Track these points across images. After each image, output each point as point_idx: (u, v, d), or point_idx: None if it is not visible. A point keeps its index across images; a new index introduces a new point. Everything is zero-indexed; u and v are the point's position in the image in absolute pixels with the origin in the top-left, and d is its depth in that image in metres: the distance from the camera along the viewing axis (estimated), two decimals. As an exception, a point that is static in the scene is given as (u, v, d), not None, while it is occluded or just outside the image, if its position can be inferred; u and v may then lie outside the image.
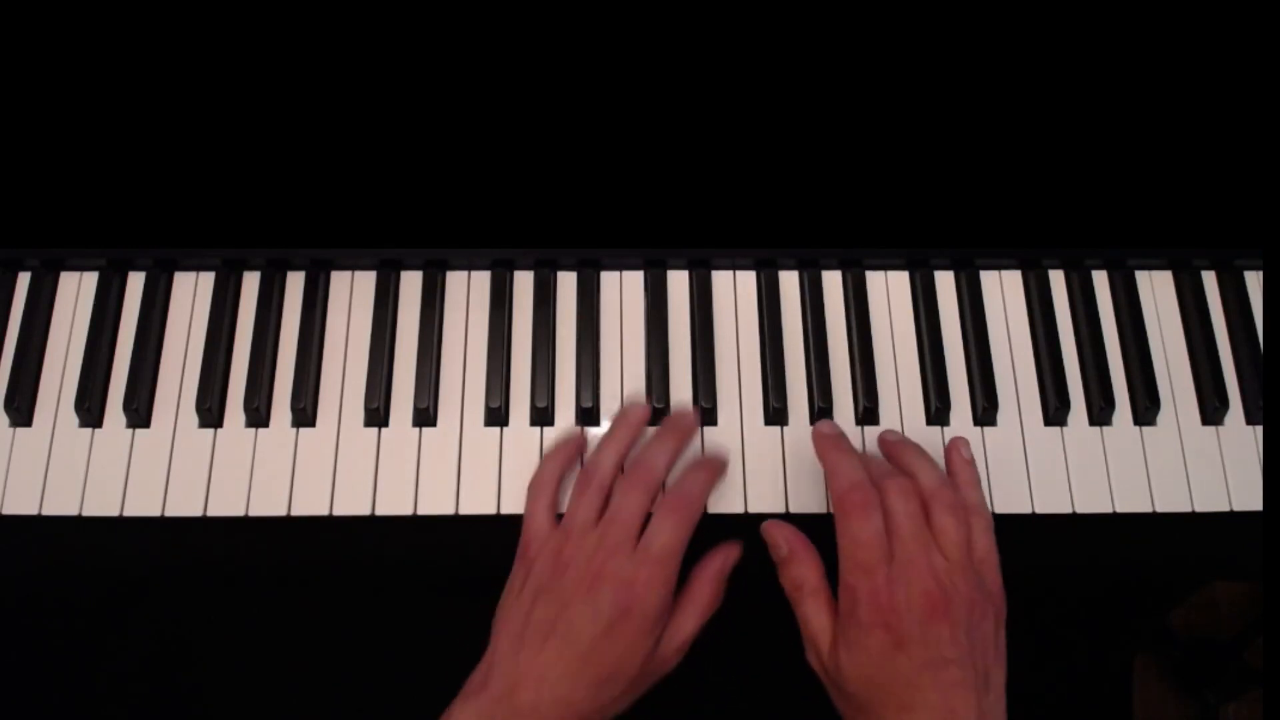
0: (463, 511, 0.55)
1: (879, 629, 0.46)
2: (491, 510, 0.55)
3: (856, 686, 0.47)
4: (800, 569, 0.51)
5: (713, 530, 0.53)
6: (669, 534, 0.50)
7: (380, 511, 0.55)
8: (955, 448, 0.55)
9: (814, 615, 0.50)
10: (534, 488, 0.54)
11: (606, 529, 0.50)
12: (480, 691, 0.48)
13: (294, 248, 0.59)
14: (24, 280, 0.60)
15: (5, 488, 0.55)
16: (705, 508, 0.52)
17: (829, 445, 0.53)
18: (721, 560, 0.52)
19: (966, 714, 0.45)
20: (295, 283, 0.60)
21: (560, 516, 0.53)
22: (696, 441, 0.57)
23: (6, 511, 0.55)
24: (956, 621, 0.46)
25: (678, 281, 0.60)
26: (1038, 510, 0.56)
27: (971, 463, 0.54)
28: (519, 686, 0.47)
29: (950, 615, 0.46)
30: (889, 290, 0.61)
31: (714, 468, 0.54)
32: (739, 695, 0.67)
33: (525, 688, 0.47)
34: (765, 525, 0.53)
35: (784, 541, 0.52)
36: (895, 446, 0.54)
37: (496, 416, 0.57)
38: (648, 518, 0.51)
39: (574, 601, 0.48)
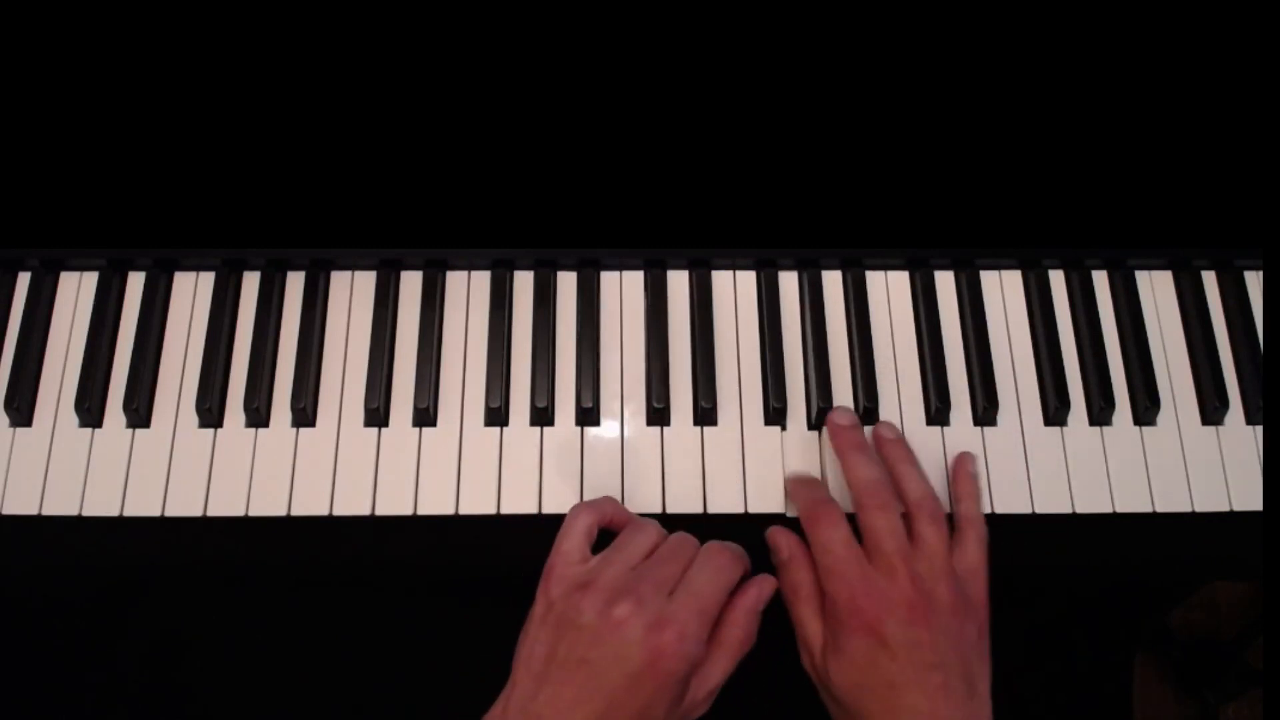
0: (463, 511, 0.55)
1: (861, 632, 0.47)
2: (491, 510, 0.55)
3: (844, 691, 0.48)
4: (798, 574, 0.51)
5: (713, 530, 0.53)
6: (708, 582, 0.48)
7: (380, 511, 0.55)
8: (962, 462, 0.55)
9: (808, 620, 0.50)
10: (579, 509, 0.51)
11: (645, 569, 0.48)
12: None
13: (294, 248, 0.59)
14: (24, 280, 0.60)
15: (5, 488, 0.55)
16: (746, 571, 0.50)
17: (799, 484, 0.54)
18: (755, 594, 0.50)
19: (951, 717, 0.46)
20: (295, 283, 0.60)
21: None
22: (696, 445, 0.57)
23: (6, 511, 0.55)
24: (937, 628, 0.47)
25: (678, 281, 0.60)
26: (1038, 510, 0.56)
27: (975, 477, 0.55)
28: None
29: (931, 622, 0.47)
30: (889, 290, 0.61)
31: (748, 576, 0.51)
32: (736, 698, 0.67)
33: None
34: (771, 531, 0.53)
35: (785, 546, 0.52)
36: (887, 446, 0.54)
37: (496, 416, 0.57)
38: None
39: (601, 642, 0.45)
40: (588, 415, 0.57)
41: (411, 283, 0.60)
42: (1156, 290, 0.61)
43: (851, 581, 0.48)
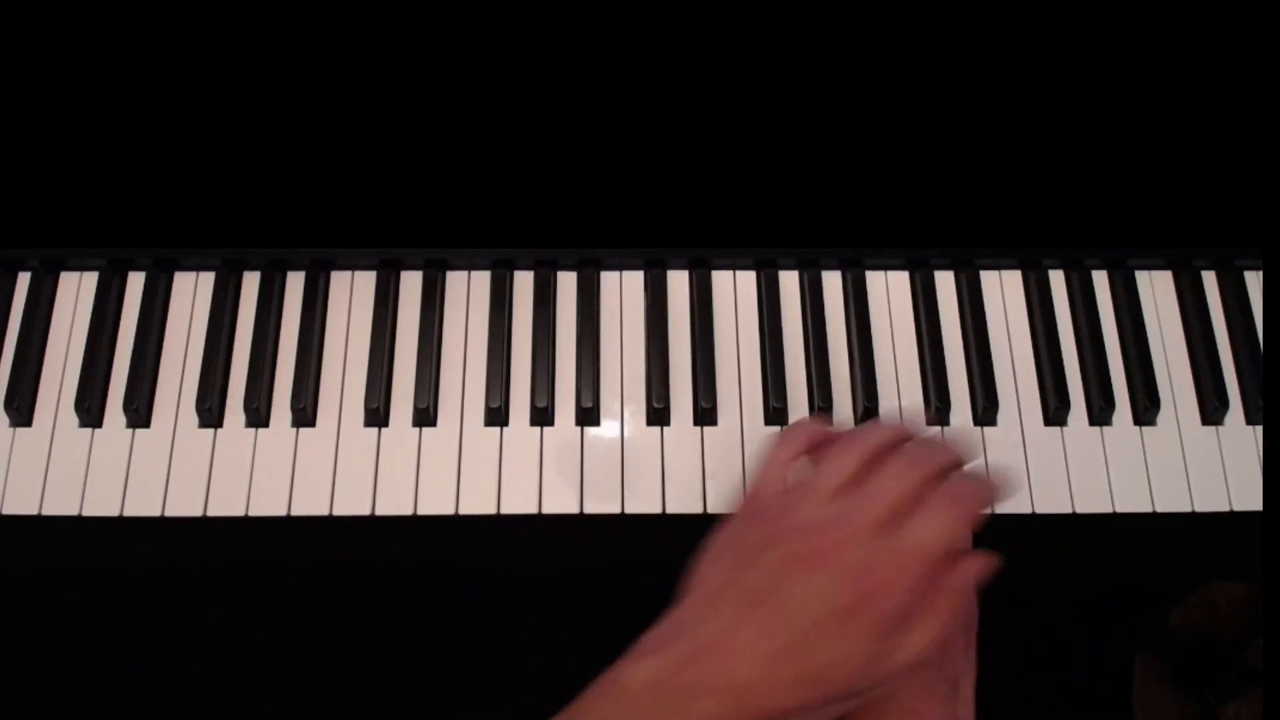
0: (463, 511, 0.55)
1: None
2: (491, 510, 0.55)
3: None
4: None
5: (712, 530, 0.53)
6: (935, 531, 0.40)
7: (380, 511, 0.55)
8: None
9: None
10: (786, 435, 0.46)
11: (859, 503, 0.41)
12: (659, 651, 0.39)
13: (294, 248, 0.59)
14: (24, 280, 0.60)
15: (5, 488, 0.55)
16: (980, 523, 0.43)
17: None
18: (966, 567, 0.41)
19: (931, 714, 0.43)
20: (295, 283, 0.60)
21: None
22: (696, 445, 0.57)
23: (6, 511, 0.55)
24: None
25: (678, 281, 0.60)
26: (1038, 510, 0.56)
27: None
28: (704, 655, 0.39)
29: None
30: (889, 290, 0.61)
31: (996, 489, 0.44)
32: None
33: (714, 658, 0.38)
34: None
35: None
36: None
37: (496, 416, 0.57)
38: None
39: (801, 574, 0.39)
40: (588, 415, 0.57)
41: (411, 283, 0.60)
42: (1156, 290, 0.61)
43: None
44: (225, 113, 0.61)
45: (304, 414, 0.56)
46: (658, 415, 0.57)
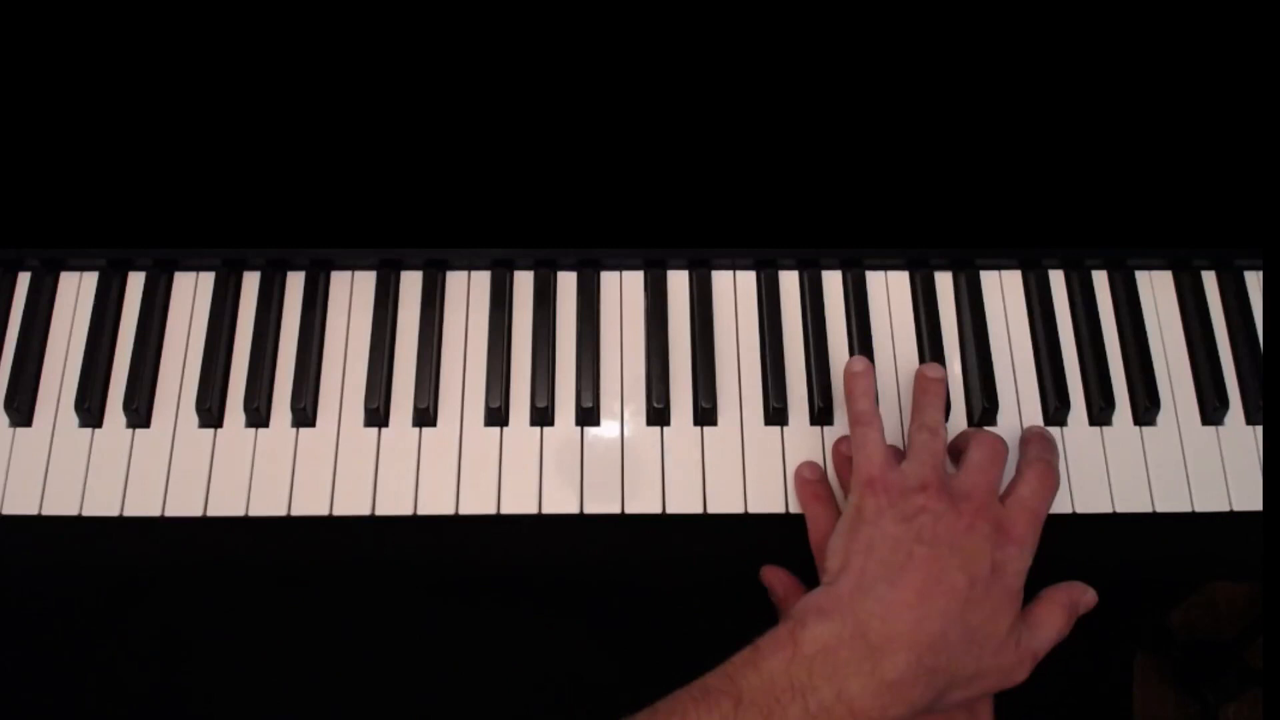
0: (463, 511, 0.55)
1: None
2: (491, 510, 0.55)
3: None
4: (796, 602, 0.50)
5: (712, 530, 0.53)
6: (1034, 489, 0.49)
7: (380, 511, 0.55)
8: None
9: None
10: (864, 417, 0.52)
11: (968, 474, 0.48)
12: (829, 615, 0.45)
13: (294, 248, 0.59)
14: (24, 280, 0.60)
15: (5, 488, 0.55)
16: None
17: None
18: (1074, 592, 0.50)
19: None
20: (295, 283, 0.60)
21: None
22: (696, 445, 0.57)
23: (6, 511, 0.55)
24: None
25: (678, 281, 0.60)
26: (1038, 510, 0.56)
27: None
28: (876, 619, 0.44)
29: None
30: (889, 290, 0.61)
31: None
32: None
33: (888, 620, 0.44)
34: (764, 572, 0.54)
35: (780, 585, 0.53)
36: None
37: (496, 416, 0.57)
38: None
39: (953, 539, 0.45)
40: (588, 415, 0.57)
41: (411, 283, 0.60)
42: (1156, 290, 0.61)
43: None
44: (225, 112, 0.61)
45: (304, 414, 0.56)
46: (658, 415, 0.57)
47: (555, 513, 0.55)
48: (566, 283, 0.60)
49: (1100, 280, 0.61)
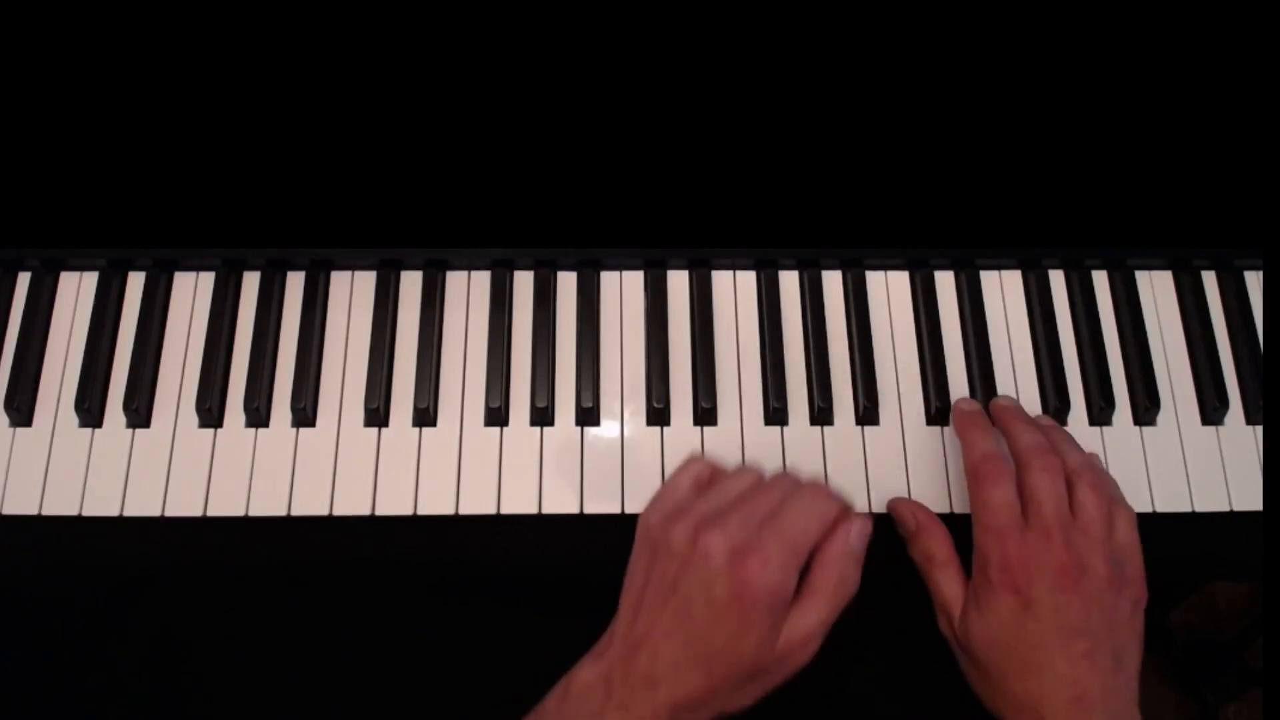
0: (463, 511, 0.55)
1: (1008, 591, 0.47)
2: (491, 510, 0.55)
3: (984, 651, 0.48)
4: (929, 542, 0.52)
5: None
6: (797, 515, 0.45)
7: (380, 511, 0.55)
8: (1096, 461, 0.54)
9: (944, 584, 0.51)
10: (694, 460, 0.50)
11: (738, 502, 0.47)
12: (605, 652, 0.46)
13: (294, 248, 0.59)
14: (24, 280, 0.60)
15: (5, 488, 0.55)
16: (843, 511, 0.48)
17: (966, 422, 0.54)
18: (844, 535, 0.46)
19: (1091, 686, 0.46)
20: (295, 283, 0.60)
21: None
22: (696, 445, 0.57)
23: (6, 511, 0.55)
24: (1088, 596, 0.47)
25: (678, 281, 0.60)
26: (1038, 510, 0.56)
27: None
28: (638, 651, 0.44)
29: (1082, 589, 0.47)
30: (889, 290, 0.61)
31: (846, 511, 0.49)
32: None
33: (643, 653, 0.44)
34: (891, 502, 0.54)
35: (910, 516, 0.53)
36: (1036, 421, 0.54)
37: (496, 416, 0.57)
38: None
39: (688, 569, 0.45)
40: (588, 415, 0.57)
41: (411, 283, 0.60)
42: (1156, 290, 0.61)
43: (1006, 541, 0.48)
44: (225, 113, 0.61)
45: (304, 414, 0.56)
46: (658, 415, 0.57)
47: (555, 513, 0.55)
48: (566, 283, 0.60)
49: (1100, 280, 0.61)
